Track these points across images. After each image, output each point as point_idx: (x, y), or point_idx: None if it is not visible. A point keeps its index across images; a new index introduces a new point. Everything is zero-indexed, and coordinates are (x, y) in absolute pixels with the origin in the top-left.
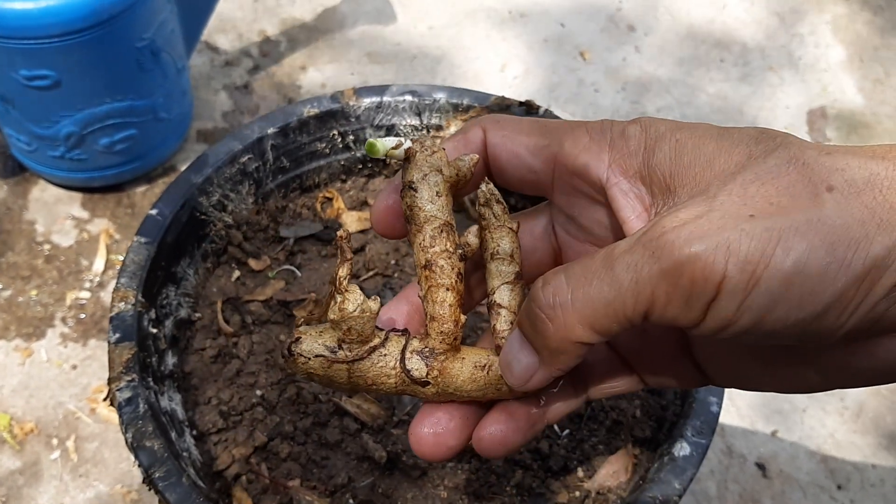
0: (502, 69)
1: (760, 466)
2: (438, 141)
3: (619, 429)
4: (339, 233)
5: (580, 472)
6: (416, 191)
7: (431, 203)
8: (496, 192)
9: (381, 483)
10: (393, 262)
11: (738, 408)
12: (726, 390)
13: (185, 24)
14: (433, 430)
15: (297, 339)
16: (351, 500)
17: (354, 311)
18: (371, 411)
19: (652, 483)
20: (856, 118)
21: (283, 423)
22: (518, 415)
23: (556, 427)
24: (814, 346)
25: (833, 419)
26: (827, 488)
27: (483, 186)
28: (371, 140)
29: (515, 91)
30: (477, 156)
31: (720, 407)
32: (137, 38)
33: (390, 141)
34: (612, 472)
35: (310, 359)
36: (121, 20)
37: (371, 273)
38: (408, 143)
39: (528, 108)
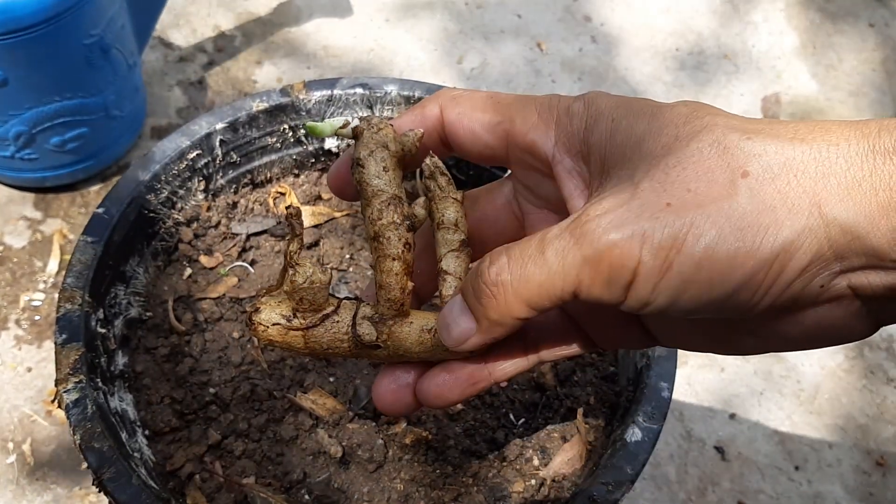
0: (460, 61)
1: (719, 450)
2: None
3: (573, 416)
4: (288, 210)
5: (535, 461)
6: (363, 167)
7: (378, 178)
8: (440, 164)
9: (337, 478)
10: (347, 255)
11: (697, 392)
12: (685, 375)
13: (136, 19)
14: (393, 386)
15: (257, 308)
16: (307, 496)
17: (304, 283)
18: (327, 405)
19: (605, 469)
20: (810, 104)
21: (238, 420)
22: (459, 372)
23: (511, 416)
24: (737, 319)
25: (790, 401)
26: (785, 469)
27: (427, 160)
28: (310, 123)
29: (473, 82)
30: (422, 130)
31: (671, 392)
32: (86, 35)
33: (338, 121)
34: (566, 459)
35: (268, 327)
36: (68, 17)
37: (326, 267)
38: (355, 122)
39: None
